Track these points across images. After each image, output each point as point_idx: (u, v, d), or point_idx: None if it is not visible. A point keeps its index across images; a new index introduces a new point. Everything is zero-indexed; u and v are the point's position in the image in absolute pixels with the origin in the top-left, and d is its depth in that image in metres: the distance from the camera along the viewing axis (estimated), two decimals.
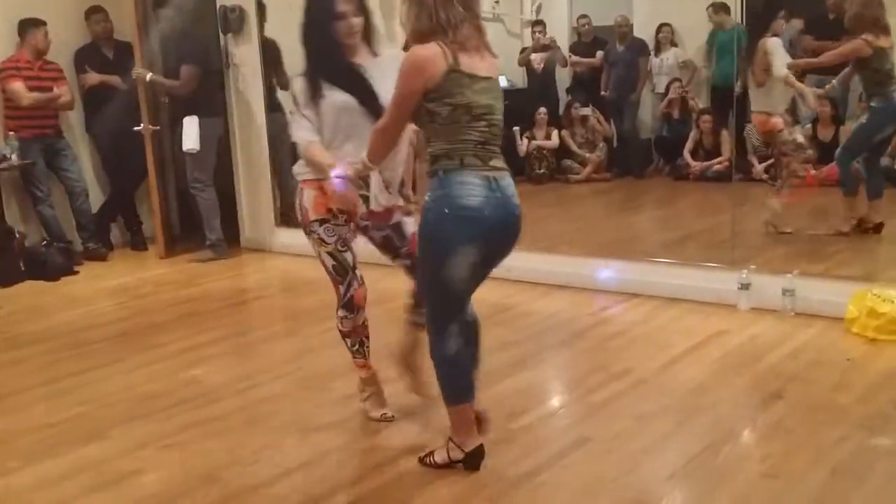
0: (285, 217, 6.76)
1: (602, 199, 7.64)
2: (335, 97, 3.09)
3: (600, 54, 7.94)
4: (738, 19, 6.96)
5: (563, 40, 7.92)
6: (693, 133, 7.67)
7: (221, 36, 6.57)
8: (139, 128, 6.43)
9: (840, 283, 4.47)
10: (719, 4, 7.53)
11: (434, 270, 2.80)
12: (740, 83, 7.35)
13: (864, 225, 5.47)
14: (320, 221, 3.21)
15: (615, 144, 7.85)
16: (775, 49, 5.86)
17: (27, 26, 6.22)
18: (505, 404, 3.46)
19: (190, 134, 6.15)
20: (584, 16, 7.70)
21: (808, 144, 5.82)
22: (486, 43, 2.78)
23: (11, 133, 6.13)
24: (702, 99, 7.99)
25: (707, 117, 7.54)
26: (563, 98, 7.91)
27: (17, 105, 6.18)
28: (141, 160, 6.94)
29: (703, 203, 7.27)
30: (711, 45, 7.81)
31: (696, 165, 7.59)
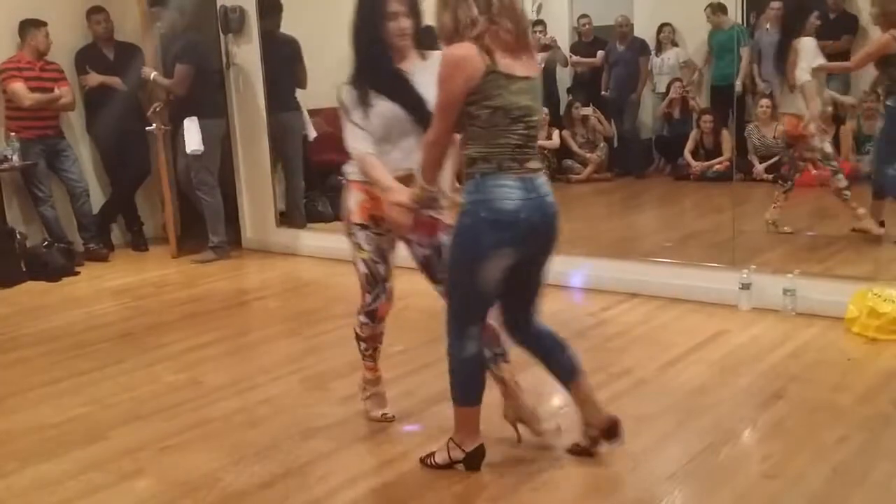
0: (286, 218, 6.77)
1: (603, 199, 7.64)
2: (383, 107, 3.01)
3: (601, 54, 7.94)
4: (740, 19, 6.98)
5: (564, 40, 7.92)
6: (694, 133, 7.67)
7: (222, 36, 6.57)
8: (151, 127, 6.44)
9: (841, 283, 4.47)
10: (717, 5, 7.53)
11: (464, 272, 2.76)
12: (740, 83, 7.37)
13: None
14: (361, 226, 3.15)
15: (616, 144, 7.86)
16: (805, 51, 5.57)
17: (27, 27, 6.23)
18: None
19: (192, 136, 6.15)
20: (585, 15, 7.70)
21: (835, 155, 5.61)
22: (526, 42, 2.69)
23: (12, 134, 6.14)
24: (702, 99, 8.00)
25: (708, 117, 7.54)
26: (564, 98, 7.92)
27: (19, 106, 6.19)
28: (142, 161, 6.97)
29: (704, 203, 7.28)
30: (711, 46, 7.84)
31: (697, 165, 7.59)
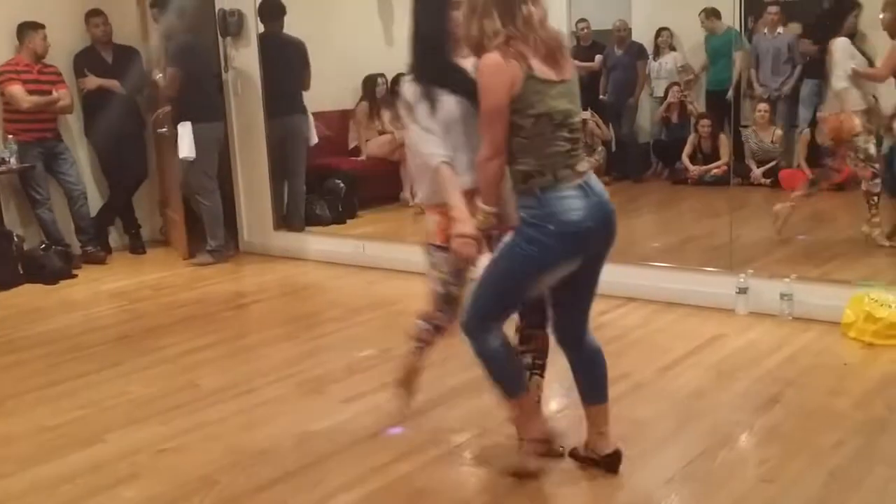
0: (285, 221, 6.77)
1: None
2: (449, 103, 2.84)
3: (599, 58, 7.96)
4: (737, 23, 6.98)
5: None
6: (691, 137, 7.69)
7: (220, 39, 6.57)
8: (163, 130, 6.46)
9: (837, 288, 4.48)
10: (710, 10, 7.57)
11: (517, 276, 2.69)
12: (733, 88, 7.38)
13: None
14: (440, 248, 3.01)
15: (614, 148, 7.87)
16: (839, 53, 5.40)
17: (25, 29, 6.22)
18: (504, 408, 3.46)
19: (183, 141, 6.15)
20: (583, 20, 7.72)
21: (877, 158, 5.43)
22: (559, 47, 2.64)
23: (10, 136, 6.13)
24: (699, 103, 8.02)
25: (706, 122, 7.57)
26: None
27: (17, 108, 6.18)
28: (140, 164, 6.98)
29: (702, 207, 7.29)
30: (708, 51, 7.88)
31: (695, 169, 7.61)
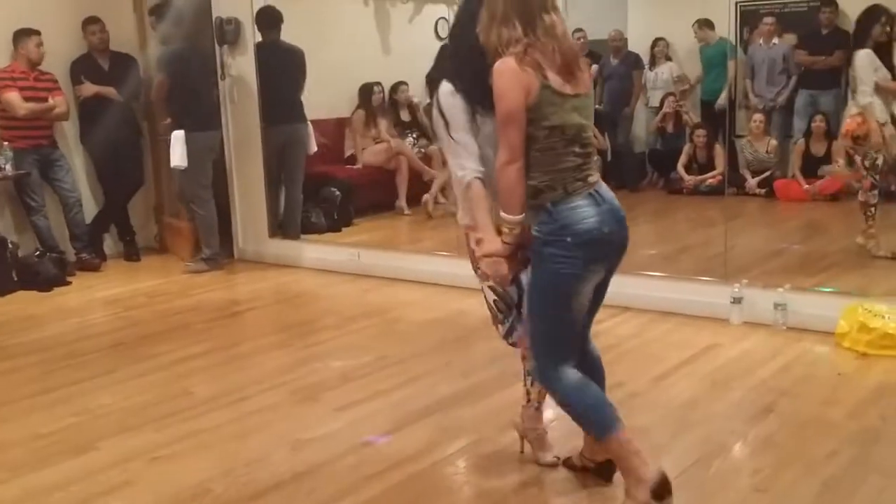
0: (280, 228, 6.77)
1: None
2: (487, 119, 2.68)
3: (595, 68, 7.98)
4: (732, 34, 7.02)
5: None
6: (687, 147, 7.72)
7: (217, 47, 6.58)
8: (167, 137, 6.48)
9: (831, 298, 4.49)
10: (703, 20, 7.61)
11: (557, 301, 2.64)
12: (725, 98, 7.41)
13: None
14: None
15: (609, 158, 7.88)
16: (861, 66, 5.27)
17: (20, 36, 6.22)
18: (499, 416, 3.47)
19: (176, 150, 6.16)
20: (579, 29, 7.73)
21: (880, 171, 5.32)
22: (575, 60, 2.60)
23: (6, 143, 6.12)
24: (695, 113, 8.05)
25: (701, 132, 7.59)
26: None
27: (13, 116, 6.18)
28: (135, 171, 6.98)
29: (697, 217, 7.31)
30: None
31: (690, 179, 7.63)
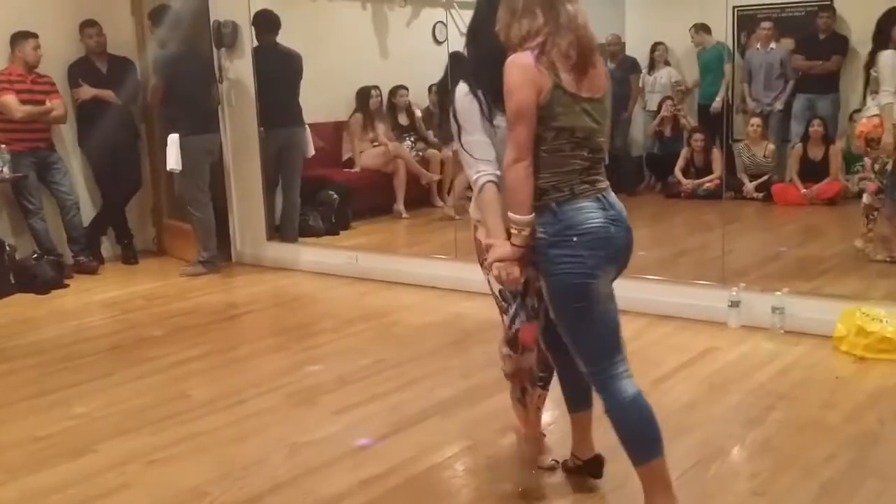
0: (278, 231, 6.77)
1: None
2: (500, 121, 2.61)
3: None
4: (729, 39, 7.04)
5: None
6: (684, 151, 7.73)
7: (215, 51, 6.58)
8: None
9: (829, 302, 4.49)
10: (700, 25, 7.63)
11: (579, 309, 2.54)
12: (720, 101, 7.42)
13: None
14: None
15: (606, 161, 7.88)
16: (885, 67, 5.18)
17: (17, 39, 6.22)
18: (497, 419, 3.46)
19: (170, 153, 6.17)
20: None
21: (889, 176, 5.29)
22: (592, 60, 2.52)
23: (3, 146, 6.11)
24: (692, 118, 8.07)
25: (699, 136, 7.60)
26: None
27: (10, 118, 6.17)
28: (133, 174, 6.98)
29: (694, 221, 7.31)
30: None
31: (687, 183, 7.64)
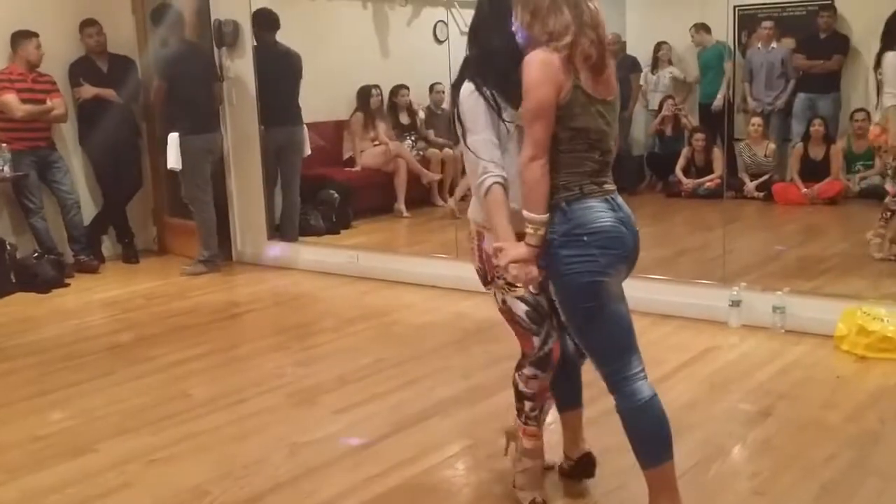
0: (278, 231, 6.77)
1: None
2: (508, 117, 2.59)
3: None
4: (730, 38, 7.03)
5: None
6: (685, 150, 7.72)
7: (216, 50, 6.58)
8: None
9: (830, 301, 4.48)
10: (700, 24, 7.63)
11: (590, 310, 2.51)
12: (722, 98, 7.42)
13: None
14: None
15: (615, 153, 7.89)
16: (890, 68, 5.22)
17: (18, 38, 6.22)
18: (498, 419, 3.45)
19: (170, 152, 6.18)
20: None
21: None
22: (607, 60, 2.49)
23: (4, 145, 6.11)
24: (694, 117, 8.06)
25: (700, 135, 7.60)
26: None
27: (10, 117, 6.18)
28: (135, 173, 6.98)
29: (695, 220, 7.31)
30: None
31: (688, 182, 7.63)
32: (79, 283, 6.26)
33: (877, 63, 5.43)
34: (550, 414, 3.39)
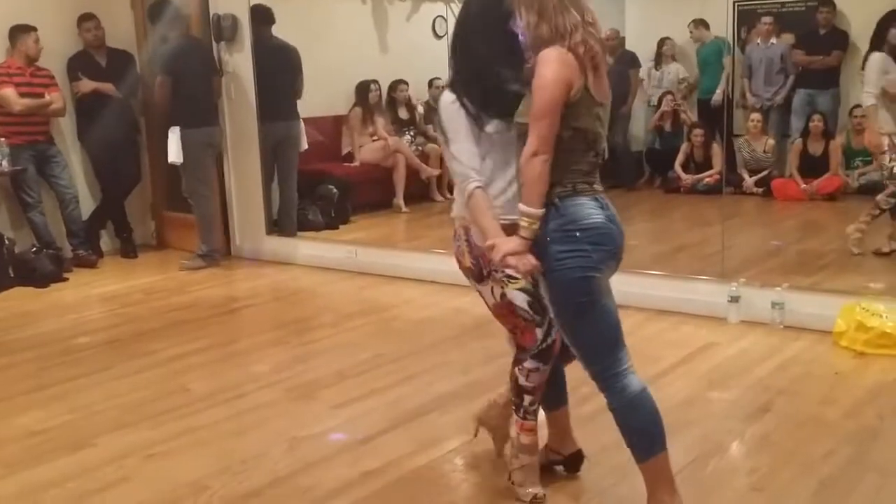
0: (278, 226, 6.76)
1: None
2: (489, 129, 2.63)
3: None
4: (729, 34, 7.03)
5: None
6: (684, 146, 7.73)
7: (214, 44, 6.57)
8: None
9: (829, 297, 4.49)
10: (699, 20, 7.64)
11: (581, 305, 2.52)
12: (721, 93, 7.42)
13: None
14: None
15: (606, 156, 7.88)
16: (870, 69, 5.30)
17: (17, 32, 6.21)
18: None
19: (171, 146, 6.17)
20: None
21: None
22: (604, 61, 2.53)
23: (2, 139, 6.11)
24: (693, 113, 8.07)
25: (699, 131, 7.60)
26: None
27: (8, 111, 6.17)
28: (133, 167, 6.97)
29: (694, 216, 7.31)
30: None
31: (687, 178, 7.64)
32: (77, 278, 6.25)
33: (863, 64, 5.48)
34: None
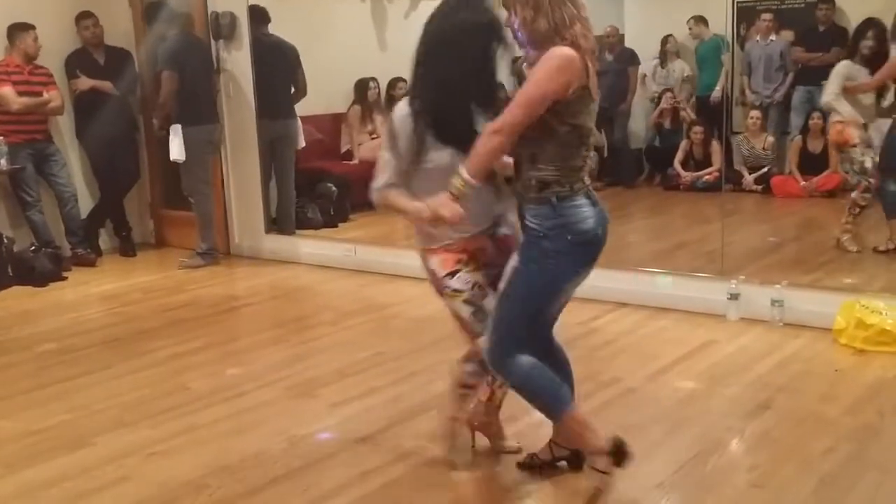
0: (276, 224, 6.76)
1: None
2: (439, 151, 2.71)
3: None
4: (729, 31, 7.02)
5: None
6: (683, 143, 7.72)
7: (213, 42, 6.56)
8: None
9: (829, 294, 4.48)
10: (697, 17, 7.63)
11: (539, 294, 2.63)
12: (720, 90, 7.41)
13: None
14: (451, 274, 2.86)
15: (606, 154, 7.89)
16: (833, 75, 5.59)
17: (15, 31, 6.21)
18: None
19: (173, 144, 6.17)
20: None
21: (874, 174, 5.39)
22: (594, 59, 2.57)
23: (0, 138, 6.10)
24: (690, 109, 8.06)
25: (698, 128, 7.59)
26: None
27: (7, 110, 6.16)
28: (131, 166, 6.97)
29: (693, 213, 7.31)
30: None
31: (687, 175, 7.63)
32: (76, 277, 6.25)
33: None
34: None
